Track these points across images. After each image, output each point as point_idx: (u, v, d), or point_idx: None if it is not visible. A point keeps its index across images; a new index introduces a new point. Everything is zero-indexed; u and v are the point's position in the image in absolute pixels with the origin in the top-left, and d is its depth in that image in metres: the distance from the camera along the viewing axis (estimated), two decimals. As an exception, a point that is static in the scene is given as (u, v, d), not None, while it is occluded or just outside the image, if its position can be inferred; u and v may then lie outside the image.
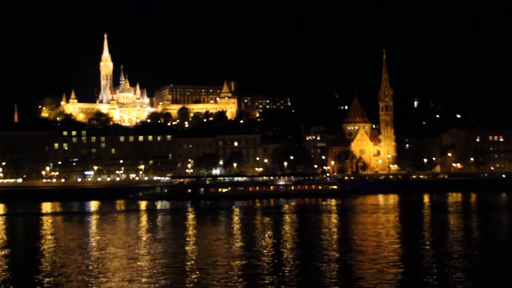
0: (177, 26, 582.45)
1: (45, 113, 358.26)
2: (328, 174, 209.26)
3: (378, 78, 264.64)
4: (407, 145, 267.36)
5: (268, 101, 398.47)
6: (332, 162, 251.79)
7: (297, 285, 48.33)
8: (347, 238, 74.55)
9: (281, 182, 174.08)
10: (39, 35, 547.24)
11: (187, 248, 69.25)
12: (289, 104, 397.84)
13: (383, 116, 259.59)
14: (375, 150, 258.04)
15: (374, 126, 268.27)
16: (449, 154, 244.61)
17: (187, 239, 77.63)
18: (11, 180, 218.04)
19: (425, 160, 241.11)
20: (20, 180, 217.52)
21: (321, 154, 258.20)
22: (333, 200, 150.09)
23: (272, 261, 58.79)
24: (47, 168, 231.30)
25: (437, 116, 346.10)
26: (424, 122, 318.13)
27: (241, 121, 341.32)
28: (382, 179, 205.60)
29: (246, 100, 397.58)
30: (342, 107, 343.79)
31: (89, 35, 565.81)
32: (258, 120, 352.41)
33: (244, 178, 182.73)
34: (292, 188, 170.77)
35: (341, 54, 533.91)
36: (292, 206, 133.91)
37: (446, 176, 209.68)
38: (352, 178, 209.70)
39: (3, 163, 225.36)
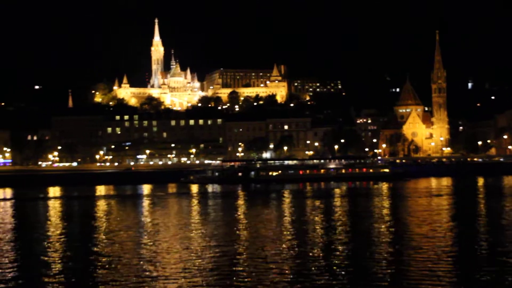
0: (227, 9, 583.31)
1: (98, 98, 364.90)
2: (379, 157, 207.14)
3: (431, 59, 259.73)
4: (461, 128, 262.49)
5: (318, 84, 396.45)
6: (384, 145, 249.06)
7: (347, 271, 47.85)
8: (398, 223, 73.45)
9: (332, 166, 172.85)
10: (92, 21, 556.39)
11: (237, 231, 69.47)
12: (340, 87, 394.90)
13: (436, 98, 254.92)
14: (427, 133, 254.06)
15: (426, 109, 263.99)
16: (505, 137, 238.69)
17: (238, 222, 77.91)
18: (67, 164, 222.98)
19: (480, 142, 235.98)
20: (75, 164, 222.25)
21: (372, 137, 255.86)
22: (384, 183, 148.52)
23: (322, 246, 58.39)
24: (101, 152, 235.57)
25: (493, 97, 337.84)
26: (478, 104, 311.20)
27: (291, 105, 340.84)
28: (435, 162, 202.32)
29: (296, 84, 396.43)
30: (393, 90, 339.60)
31: (140, 20, 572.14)
32: (309, 103, 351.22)
33: (295, 162, 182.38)
34: (343, 171, 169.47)
35: (392, 36, 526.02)
36: (343, 190, 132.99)
37: (501, 159, 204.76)
38: (404, 161, 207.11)
39: (59, 147, 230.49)
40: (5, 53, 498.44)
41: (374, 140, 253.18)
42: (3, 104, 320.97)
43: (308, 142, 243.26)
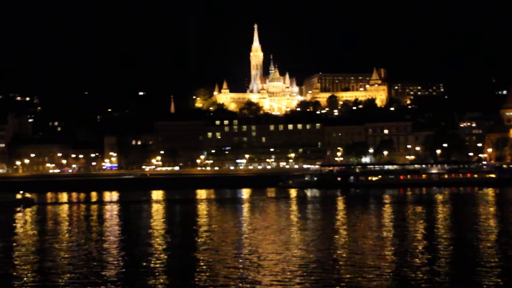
0: (326, 14, 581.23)
1: (199, 103, 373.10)
2: (484, 162, 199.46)
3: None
4: None
5: (419, 88, 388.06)
6: (489, 150, 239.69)
7: (448, 281, 46.15)
8: (506, 233, 70.10)
9: (434, 170, 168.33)
10: (192, 28, 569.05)
11: (335, 236, 68.76)
12: (442, 90, 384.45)
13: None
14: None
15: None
16: None
17: (337, 228, 77.15)
18: (169, 168, 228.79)
19: None
20: (176, 168, 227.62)
21: (477, 141, 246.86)
22: (490, 189, 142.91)
23: (424, 255, 56.64)
24: (202, 157, 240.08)
25: None
26: None
27: (392, 109, 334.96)
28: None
29: (396, 87, 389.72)
30: (500, 92, 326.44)
31: (240, 26, 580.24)
32: (409, 107, 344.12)
33: (395, 166, 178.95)
34: (446, 176, 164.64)
35: (496, 37, 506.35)
36: (445, 196, 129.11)
37: None
38: (511, 166, 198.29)
39: (161, 152, 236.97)
40: (111, 61, 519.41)
41: (479, 145, 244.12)
42: (109, 110, 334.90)
43: (409, 146, 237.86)
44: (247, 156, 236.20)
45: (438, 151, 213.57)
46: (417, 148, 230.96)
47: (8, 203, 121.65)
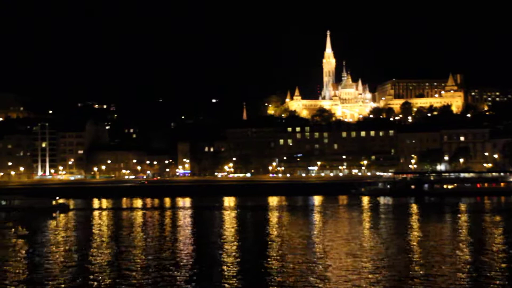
0: (399, 21, 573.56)
1: (271, 110, 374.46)
2: None
3: None
4: None
5: (498, 94, 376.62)
6: None
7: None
8: None
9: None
10: (262, 35, 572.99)
11: (409, 246, 67.29)
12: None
13: None
14: None
15: None
16: None
17: (410, 237, 75.53)
18: (241, 175, 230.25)
19: None
20: (248, 175, 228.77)
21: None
22: None
23: (501, 267, 54.59)
24: (273, 163, 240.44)
25: None
26: None
27: (468, 115, 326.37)
28: None
29: (473, 93, 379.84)
30: None
31: (312, 33, 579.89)
32: (487, 113, 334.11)
33: (471, 174, 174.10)
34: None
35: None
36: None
37: None
38: None
39: (234, 159, 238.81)
40: (184, 69, 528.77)
41: None
42: (183, 117, 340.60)
43: (486, 154, 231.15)
44: (319, 163, 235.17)
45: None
46: (495, 156, 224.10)
47: (44, 209, 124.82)
